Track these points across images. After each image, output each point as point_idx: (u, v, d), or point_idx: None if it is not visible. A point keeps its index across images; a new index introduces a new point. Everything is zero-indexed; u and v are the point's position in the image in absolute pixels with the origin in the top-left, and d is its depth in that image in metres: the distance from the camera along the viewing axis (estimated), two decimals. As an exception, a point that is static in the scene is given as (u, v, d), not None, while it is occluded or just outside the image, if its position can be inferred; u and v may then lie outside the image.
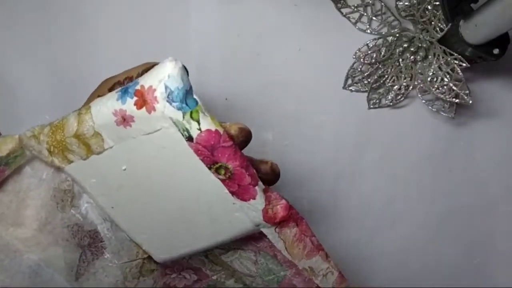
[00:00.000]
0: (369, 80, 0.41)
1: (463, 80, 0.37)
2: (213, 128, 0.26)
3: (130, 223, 0.30)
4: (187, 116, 0.25)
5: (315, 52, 0.41)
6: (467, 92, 0.38)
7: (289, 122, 0.42)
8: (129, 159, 0.28)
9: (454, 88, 0.38)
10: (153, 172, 0.28)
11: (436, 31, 0.38)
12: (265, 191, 0.28)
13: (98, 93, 0.31)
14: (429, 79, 0.39)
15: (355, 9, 0.41)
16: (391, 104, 0.42)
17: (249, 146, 0.28)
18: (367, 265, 0.45)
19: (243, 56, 0.41)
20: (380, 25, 0.41)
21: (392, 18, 0.40)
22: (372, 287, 0.45)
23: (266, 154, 0.42)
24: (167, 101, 0.25)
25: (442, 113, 0.40)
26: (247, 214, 0.28)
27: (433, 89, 0.39)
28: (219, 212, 0.29)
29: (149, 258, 0.32)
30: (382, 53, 0.40)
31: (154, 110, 0.25)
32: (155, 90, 0.25)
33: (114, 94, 0.26)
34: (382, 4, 0.40)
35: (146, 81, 0.25)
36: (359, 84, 0.42)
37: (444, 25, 0.37)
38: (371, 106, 0.42)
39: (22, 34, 0.41)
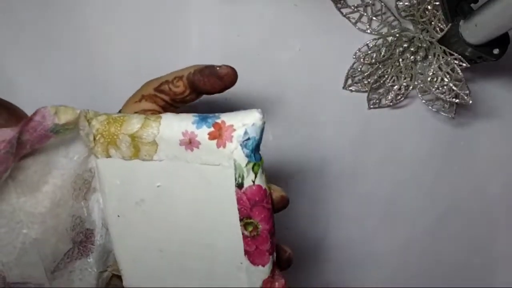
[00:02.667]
0: (369, 80, 0.41)
1: (463, 80, 0.37)
2: (264, 186, 0.27)
3: (125, 239, 0.30)
4: (250, 165, 0.26)
5: (315, 52, 0.41)
6: (467, 92, 0.38)
7: (289, 122, 0.42)
8: (169, 179, 0.28)
9: (454, 88, 0.38)
10: (183, 200, 0.28)
11: (436, 31, 0.38)
12: (273, 264, 0.29)
13: (142, 93, 0.31)
14: (429, 79, 0.39)
15: (355, 9, 0.41)
16: (391, 104, 0.42)
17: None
18: (367, 265, 0.45)
19: (243, 56, 0.41)
20: (380, 25, 0.41)
21: (392, 18, 0.40)
22: (372, 287, 0.45)
23: (266, 154, 0.42)
24: (241, 145, 0.26)
25: (442, 113, 0.40)
26: (249, 277, 0.29)
27: (433, 89, 0.39)
28: (222, 264, 0.29)
29: (118, 277, 0.32)
30: (382, 53, 0.40)
31: (224, 147, 0.26)
32: (234, 130, 0.26)
33: (191, 117, 0.27)
34: (382, 4, 0.40)
35: (229, 119, 0.27)
36: (359, 84, 0.42)
37: (444, 25, 0.37)
38: (371, 106, 0.42)
39: (22, 34, 0.41)
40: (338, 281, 0.46)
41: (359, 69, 0.41)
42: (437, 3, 0.37)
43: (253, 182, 0.27)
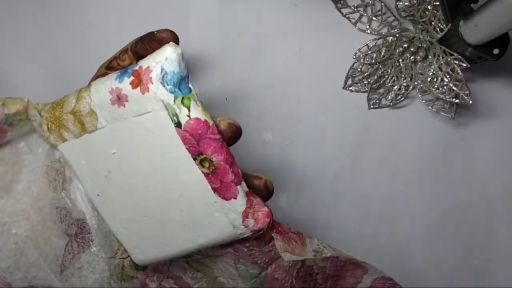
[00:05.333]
0: (369, 80, 0.41)
1: (463, 80, 0.37)
2: (202, 117, 0.26)
3: (112, 214, 0.30)
4: (178, 101, 0.26)
5: (315, 52, 0.41)
6: (467, 92, 0.38)
7: (289, 122, 0.42)
8: (119, 143, 0.28)
9: (454, 88, 0.38)
10: (139, 159, 0.28)
11: (436, 31, 0.38)
12: (248, 194, 0.28)
13: (97, 74, 0.32)
14: (429, 79, 0.39)
15: (355, 9, 0.41)
16: (391, 104, 0.42)
17: (249, 146, 0.28)
18: (367, 265, 0.45)
19: (243, 56, 0.41)
20: (380, 25, 0.41)
21: (392, 18, 0.40)
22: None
23: (266, 154, 0.42)
24: (161, 82, 0.25)
25: (442, 113, 0.40)
26: (227, 215, 0.28)
27: (433, 89, 0.39)
28: (199, 211, 0.28)
29: (130, 260, 0.31)
30: (382, 53, 0.40)
31: (148, 90, 0.26)
32: (151, 71, 0.26)
33: (114, 74, 0.27)
34: (382, 4, 0.40)
35: (144, 62, 0.26)
36: (359, 84, 0.42)
37: (444, 25, 0.37)
38: (371, 106, 0.42)
39: (22, 34, 0.41)
40: (338, 281, 0.46)
41: (359, 69, 0.41)
42: (437, 3, 0.37)
43: (189, 116, 0.26)
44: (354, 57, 0.40)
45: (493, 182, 0.44)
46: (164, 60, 0.26)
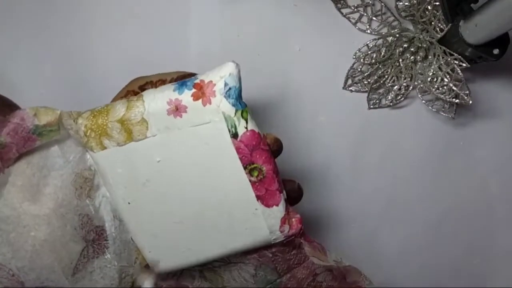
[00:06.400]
0: (369, 80, 0.41)
1: (463, 80, 0.37)
2: (256, 130, 0.28)
3: (141, 223, 0.30)
4: (238, 113, 0.28)
5: (315, 52, 0.41)
6: (467, 92, 0.38)
7: (289, 122, 0.42)
8: (166, 152, 0.29)
9: (454, 88, 0.38)
10: (186, 167, 0.29)
11: (436, 31, 0.38)
12: (286, 202, 0.30)
13: (128, 89, 0.32)
14: (429, 79, 0.39)
15: (355, 9, 0.41)
16: (391, 104, 0.42)
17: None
18: (367, 265, 0.45)
19: (243, 56, 0.41)
20: (380, 25, 0.41)
21: (392, 18, 0.40)
22: (371, 287, 0.45)
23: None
24: (224, 96, 0.27)
25: (442, 113, 0.40)
26: (266, 221, 0.30)
27: (433, 89, 0.39)
28: (239, 216, 0.30)
29: (145, 270, 0.32)
30: (382, 53, 0.40)
31: (210, 103, 0.27)
32: (214, 85, 0.27)
33: (171, 86, 0.28)
34: (382, 4, 0.40)
35: (207, 76, 0.28)
36: (359, 85, 0.42)
37: (444, 25, 0.37)
38: (371, 106, 0.42)
39: (22, 34, 0.41)
40: (338, 281, 0.46)
41: (359, 69, 0.41)
42: (437, 3, 0.37)
43: (246, 128, 0.28)
44: (354, 57, 0.40)
45: (493, 182, 0.44)
46: (228, 75, 0.28)
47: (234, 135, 0.28)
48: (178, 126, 0.28)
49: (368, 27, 0.41)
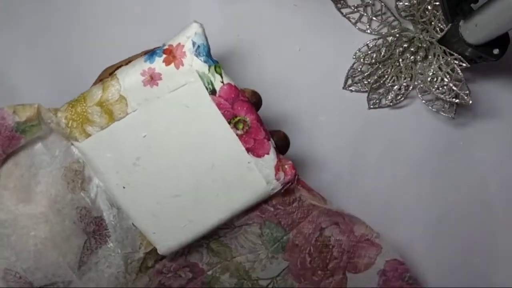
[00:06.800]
0: (369, 80, 0.41)
1: (463, 80, 0.37)
2: (232, 83, 0.28)
3: (139, 205, 0.30)
4: (212, 69, 0.28)
5: (315, 52, 0.41)
6: (467, 92, 0.38)
7: (289, 122, 0.42)
8: (150, 124, 0.29)
9: (454, 88, 0.38)
10: (172, 136, 0.29)
11: (436, 31, 0.38)
12: (275, 149, 0.30)
13: (100, 77, 0.32)
14: (429, 79, 0.39)
15: (355, 9, 0.41)
16: (391, 104, 0.42)
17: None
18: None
19: (243, 56, 0.41)
20: (380, 25, 0.41)
21: (392, 18, 0.40)
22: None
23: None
24: (195, 55, 0.28)
25: (442, 113, 0.40)
26: (261, 171, 0.30)
27: (433, 89, 0.39)
28: (233, 175, 0.30)
29: (150, 252, 0.32)
30: (382, 53, 0.40)
31: (182, 64, 0.28)
32: (183, 46, 0.28)
33: (141, 58, 0.29)
34: (382, 4, 0.40)
35: (174, 40, 0.28)
36: (359, 84, 0.42)
37: (444, 25, 0.37)
38: (371, 106, 0.42)
39: (22, 34, 0.41)
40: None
41: (359, 69, 0.41)
42: (437, 3, 0.37)
43: (222, 82, 0.28)
44: (354, 57, 0.40)
45: (493, 182, 0.44)
46: (194, 34, 0.28)
47: (212, 92, 0.28)
48: (157, 95, 0.28)
49: (368, 27, 0.41)
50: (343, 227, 0.34)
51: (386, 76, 0.41)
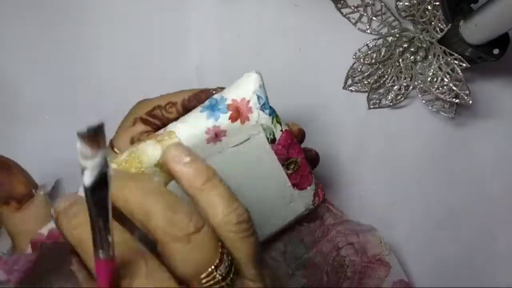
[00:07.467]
0: (369, 80, 0.41)
1: (463, 80, 0.37)
2: (287, 128, 0.29)
3: None
4: (274, 120, 0.28)
5: (315, 52, 0.41)
6: (467, 92, 0.38)
7: (289, 122, 0.42)
8: None
9: (454, 88, 0.38)
10: (227, 178, 0.28)
11: (436, 31, 0.38)
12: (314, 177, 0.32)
13: (134, 116, 0.30)
14: (429, 79, 0.39)
15: (355, 9, 0.41)
16: (391, 104, 0.42)
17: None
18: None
19: (243, 56, 0.41)
20: (380, 25, 0.41)
21: (392, 18, 0.40)
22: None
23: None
24: (260, 109, 0.27)
25: (442, 113, 0.40)
26: (303, 201, 0.31)
27: (433, 89, 0.39)
28: (277, 208, 0.31)
29: None
30: (382, 53, 0.40)
31: (248, 120, 0.27)
32: (249, 101, 0.27)
33: (200, 114, 0.27)
34: (382, 4, 0.40)
35: (236, 94, 0.27)
36: (359, 84, 0.42)
37: (444, 25, 0.37)
38: (371, 107, 0.42)
39: (22, 34, 0.41)
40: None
41: (359, 69, 0.41)
42: (437, 3, 0.37)
43: (282, 131, 0.29)
44: (354, 57, 0.40)
45: (493, 182, 0.44)
46: (258, 88, 0.27)
47: (273, 141, 0.28)
48: (218, 150, 0.27)
49: (368, 27, 0.41)
50: (358, 247, 0.35)
51: (386, 76, 0.41)
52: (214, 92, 0.29)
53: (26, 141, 0.41)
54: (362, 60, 0.40)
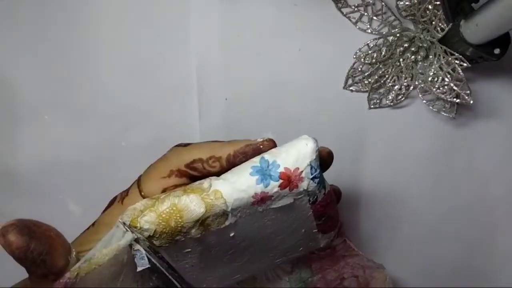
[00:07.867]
0: (369, 80, 0.41)
1: (464, 80, 0.37)
2: (329, 188, 0.29)
3: (196, 281, 0.31)
4: (320, 186, 0.27)
5: (315, 52, 0.41)
6: (468, 92, 0.38)
7: (289, 122, 0.42)
8: (242, 228, 0.28)
9: (455, 88, 0.38)
10: (259, 235, 0.29)
11: (437, 31, 0.38)
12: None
13: (171, 168, 0.29)
14: (430, 79, 0.39)
15: (356, 9, 0.41)
16: (391, 104, 0.42)
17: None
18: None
19: (243, 56, 0.41)
20: (380, 25, 0.41)
21: (393, 18, 0.40)
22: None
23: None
24: (312, 179, 0.27)
25: (443, 113, 0.40)
26: (324, 240, 0.31)
27: (434, 89, 0.39)
28: (299, 248, 0.31)
29: None
30: (383, 53, 0.40)
31: (297, 188, 0.27)
32: (301, 171, 0.26)
33: (249, 177, 0.26)
34: (383, 3, 0.40)
35: (290, 163, 0.26)
36: (359, 84, 0.42)
37: (445, 25, 0.37)
38: (372, 106, 0.42)
39: (22, 34, 0.41)
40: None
41: (359, 69, 0.41)
42: (438, 2, 0.37)
43: (324, 194, 0.28)
44: (354, 56, 0.40)
45: (493, 182, 0.44)
46: (314, 159, 0.26)
47: (313, 202, 0.28)
48: (259, 210, 0.27)
49: (368, 26, 0.41)
50: (362, 281, 0.35)
51: (387, 76, 0.41)
52: (261, 147, 0.28)
53: (26, 141, 0.41)
54: (362, 59, 0.40)
